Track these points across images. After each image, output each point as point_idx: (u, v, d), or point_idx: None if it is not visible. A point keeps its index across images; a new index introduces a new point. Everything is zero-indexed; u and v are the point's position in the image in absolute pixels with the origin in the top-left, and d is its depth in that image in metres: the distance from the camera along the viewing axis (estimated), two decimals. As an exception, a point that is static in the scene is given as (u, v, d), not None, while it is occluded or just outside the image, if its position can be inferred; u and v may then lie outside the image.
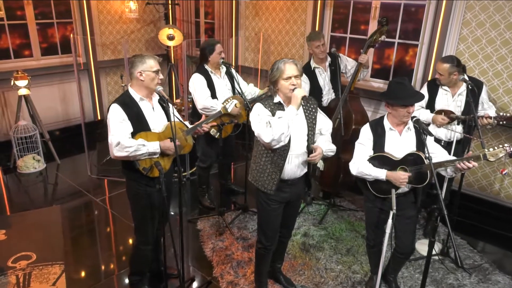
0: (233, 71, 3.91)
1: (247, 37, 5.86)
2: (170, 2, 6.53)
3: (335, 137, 3.98)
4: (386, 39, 4.54)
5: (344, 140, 3.89)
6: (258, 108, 2.49)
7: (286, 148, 2.50)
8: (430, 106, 3.45)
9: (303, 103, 2.55)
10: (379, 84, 4.73)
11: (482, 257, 3.49)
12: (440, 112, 3.38)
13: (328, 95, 4.19)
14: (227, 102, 3.61)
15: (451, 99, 3.38)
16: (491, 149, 2.32)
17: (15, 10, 5.04)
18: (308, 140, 2.60)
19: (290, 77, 2.43)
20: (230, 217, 3.94)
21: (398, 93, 2.53)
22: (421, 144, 2.58)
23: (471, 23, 3.88)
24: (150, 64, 2.46)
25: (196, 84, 3.63)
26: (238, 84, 3.80)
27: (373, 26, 4.56)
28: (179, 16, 6.73)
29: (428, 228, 3.82)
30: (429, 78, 4.18)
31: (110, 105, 2.49)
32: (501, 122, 3.19)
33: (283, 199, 2.66)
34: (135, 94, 2.52)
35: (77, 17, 5.65)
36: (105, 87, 6.25)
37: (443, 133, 3.41)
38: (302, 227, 3.82)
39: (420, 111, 3.44)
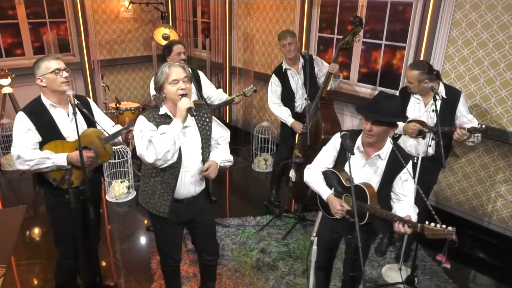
0: (201, 74, 3.72)
1: (240, 37, 5.64)
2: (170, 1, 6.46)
3: (303, 146, 3.71)
4: (373, 41, 4.19)
5: (315, 150, 3.58)
6: (140, 122, 2.20)
7: (177, 166, 2.24)
8: None
9: (194, 113, 2.21)
10: (366, 90, 4.35)
11: (456, 290, 3.08)
12: (411, 122, 3.00)
13: (301, 100, 3.89)
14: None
15: (424, 109, 2.99)
16: (432, 225, 1.94)
17: (6, 9, 5.13)
18: (202, 154, 2.34)
19: (177, 80, 2.14)
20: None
21: (370, 104, 2.18)
22: (389, 178, 2.23)
23: (461, 23, 3.44)
24: (46, 66, 2.30)
25: (152, 86, 3.48)
26: (201, 88, 3.62)
27: (359, 26, 4.20)
28: (179, 15, 6.64)
29: (401, 252, 3.44)
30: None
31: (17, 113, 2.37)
32: (475, 135, 2.76)
33: (180, 220, 2.42)
34: (46, 100, 2.38)
35: (70, 17, 5.68)
36: (100, 86, 6.25)
37: (413, 147, 3.02)
38: (262, 242, 3.57)
39: None
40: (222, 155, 2.40)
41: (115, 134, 2.54)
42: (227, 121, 6.12)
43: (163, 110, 2.22)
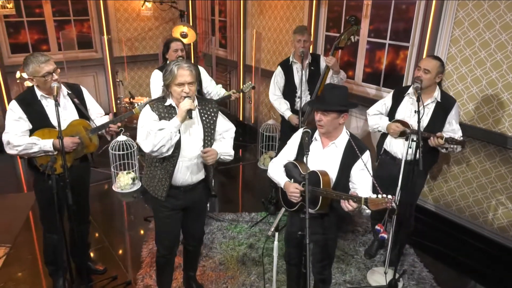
0: (201, 69, 3.82)
1: (253, 35, 5.69)
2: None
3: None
4: (377, 40, 4.12)
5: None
6: (144, 112, 2.36)
7: (175, 155, 2.36)
8: (392, 115, 3.02)
9: (198, 107, 2.40)
10: (371, 90, 4.28)
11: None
12: (397, 122, 2.94)
13: (303, 97, 3.86)
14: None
15: (421, 110, 2.91)
16: (374, 196, 1.95)
17: (34, 8, 5.47)
18: (204, 146, 2.43)
19: (183, 84, 2.26)
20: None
21: (319, 97, 2.27)
22: (346, 168, 2.26)
23: (463, 22, 3.32)
24: (36, 70, 2.45)
25: (152, 80, 3.61)
26: (201, 84, 3.72)
27: (364, 25, 4.14)
28: (199, 14, 6.79)
29: (393, 255, 3.37)
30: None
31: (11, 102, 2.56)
32: (451, 145, 2.66)
33: (176, 206, 2.52)
34: (38, 92, 2.56)
35: (94, 15, 5.97)
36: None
37: (398, 149, 2.95)
38: (252, 237, 3.61)
39: (377, 116, 3.04)
40: (224, 147, 2.49)
41: (100, 127, 2.68)
42: (240, 119, 6.19)
43: (169, 101, 2.35)
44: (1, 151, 2.71)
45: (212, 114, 2.46)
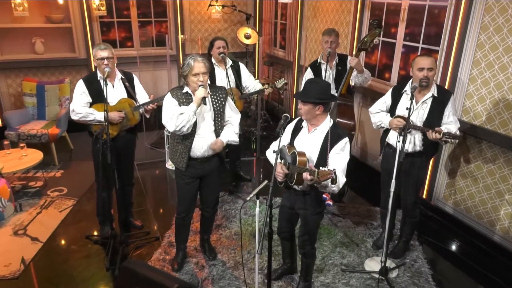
0: (241, 65, 4.34)
1: (306, 38, 6.05)
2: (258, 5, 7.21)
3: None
4: (410, 43, 4.22)
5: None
6: (166, 98, 2.92)
7: (193, 131, 2.89)
8: (392, 112, 3.21)
9: (210, 93, 2.90)
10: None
11: (433, 292, 3.07)
12: (398, 117, 3.12)
13: (330, 95, 4.15)
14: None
15: (414, 106, 3.07)
16: (323, 169, 2.26)
17: (122, 10, 6.51)
18: (215, 125, 2.94)
19: (198, 74, 2.78)
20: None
21: (302, 89, 2.66)
22: (324, 151, 2.59)
23: (489, 27, 3.33)
24: (95, 53, 3.20)
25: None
26: (240, 78, 4.24)
27: (401, 29, 4.27)
28: (265, 17, 7.34)
29: (398, 247, 3.51)
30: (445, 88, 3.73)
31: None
32: (449, 139, 2.78)
33: (195, 175, 3.05)
34: (98, 74, 3.29)
35: (171, 16, 6.85)
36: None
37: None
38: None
39: (379, 114, 3.25)
40: (229, 135, 3.01)
41: (141, 105, 3.35)
42: (293, 116, 6.57)
43: (186, 89, 2.90)
44: (82, 129, 3.53)
45: (222, 99, 2.95)
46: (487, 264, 3.41)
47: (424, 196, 4.13)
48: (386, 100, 3.25)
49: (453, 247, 3.63)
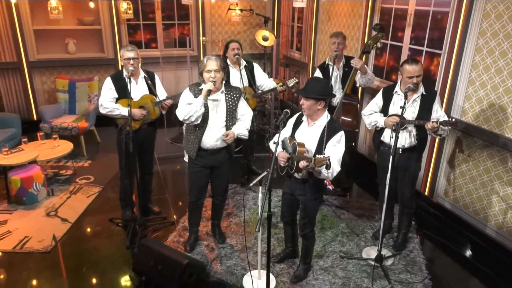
0: (255, 65, 4.65)
1: (320, 41, 6.30)
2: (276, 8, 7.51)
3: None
4: (416, 47, 4.43)
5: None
6: (185, 92, 3.27)
7: (204, 125, 3.22)
8: (385, 112, 3.45)
9: (225, 91, 3.22)
10: (409, 93, 4.57)
11: (423, 281, 3.28)
12: (391, 116, 3.36)
13: (338, 94, 4.39)
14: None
15: (407, 105, 3.30)
16: (319, 156, 2.52)
17: (148, 13, 6.93)
18: (226, 121, 3.26)
19: (210, 71, 3.11)
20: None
21: (304, 86, 2.93)
22: (321, 143, 2.87)
23: (486, 32, 3.52)
24: (122, 54, 3.56)
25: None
26: (254, 78, 4.55)
27: (407, 33, 4.48)
28: (283, 20, 7.63)
29: (399, 240, 3.73)
30: (446, 90, 3.93)
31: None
32: (446, 126, 3.07)
33: (205, 165, 3.37)
34: (124, 72, 3.66)
35: (193, 19, 7.24)
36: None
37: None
38: (277, 207, 4.28)
39: (372, 115, 3.48)
40: (240, 129, 3.32)
41: (160, 101, 3.71)
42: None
43: (202, 86, 3.22)
44: (108, 124, 3.90)
45: (235, 99, 3.27)
46: (481, 257, 3.59)
47: (426, 193, 4.33)
48: (377, 101, 3.49)
49: (450, 241, 3.81)
